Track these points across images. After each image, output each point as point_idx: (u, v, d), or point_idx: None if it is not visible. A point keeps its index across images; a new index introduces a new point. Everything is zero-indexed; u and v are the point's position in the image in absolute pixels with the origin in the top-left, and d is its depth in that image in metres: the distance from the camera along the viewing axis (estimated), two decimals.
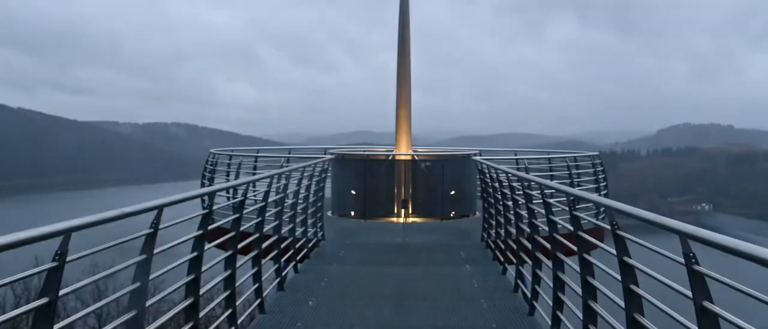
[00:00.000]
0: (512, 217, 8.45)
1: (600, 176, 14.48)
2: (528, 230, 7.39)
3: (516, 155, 17.35)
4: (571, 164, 13.84)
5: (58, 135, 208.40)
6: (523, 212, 7.80)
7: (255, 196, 7.95)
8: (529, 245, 7.24)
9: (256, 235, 7.23)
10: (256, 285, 7.04)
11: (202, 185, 14.79)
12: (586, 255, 4.88)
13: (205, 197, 5.41)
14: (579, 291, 5.14)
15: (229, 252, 6.01)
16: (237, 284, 6.13)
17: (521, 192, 7.63)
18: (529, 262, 7.26)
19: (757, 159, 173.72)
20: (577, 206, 5.25)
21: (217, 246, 6.12)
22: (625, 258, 3.87)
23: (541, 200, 6.47)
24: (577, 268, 5.20)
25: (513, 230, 8.54)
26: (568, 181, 13.20)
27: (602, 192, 14.28)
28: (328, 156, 13.62)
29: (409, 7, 16.77)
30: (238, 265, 6.28)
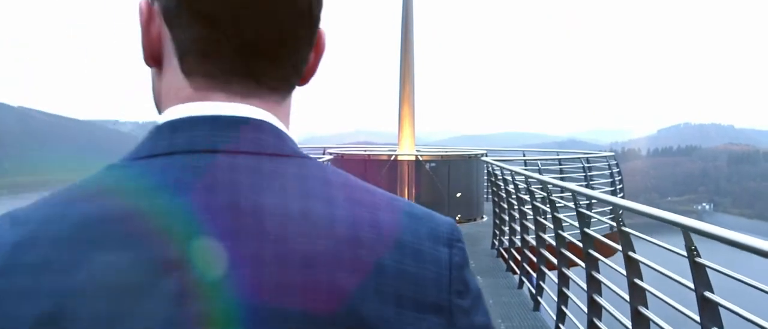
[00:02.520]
0: (531, 225, 7.60)
1: (616, 178, 13.68)
2: (551, 240, 6.54)
3: (524, 155, 16.57)
4: (585, 164, 13.08)
5: (58, 134, 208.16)
6: (542, 219, 6.98)
7: None
8: (554, 259, 6.38)
9: None
10: None
11: None
12: (638, 281, 4.02)
13: None
14: (622, 319, 4.34)
15: None
16: None
17: (544, 198, 6.76)
18: (552, 277, 6.42)
19: (758, 159, 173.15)
20: (597, 211, 4.43)
21: None
22: (708, 294, 3.00)
23: (573, 207, 5.63)
24: (618, 290, 4.40)
25: (530, 239, 7.69)
26: (584, 183, 12.40)
27: (618, 195, 13.48)
28: (327, 156, 12.82)
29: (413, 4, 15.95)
30: None
